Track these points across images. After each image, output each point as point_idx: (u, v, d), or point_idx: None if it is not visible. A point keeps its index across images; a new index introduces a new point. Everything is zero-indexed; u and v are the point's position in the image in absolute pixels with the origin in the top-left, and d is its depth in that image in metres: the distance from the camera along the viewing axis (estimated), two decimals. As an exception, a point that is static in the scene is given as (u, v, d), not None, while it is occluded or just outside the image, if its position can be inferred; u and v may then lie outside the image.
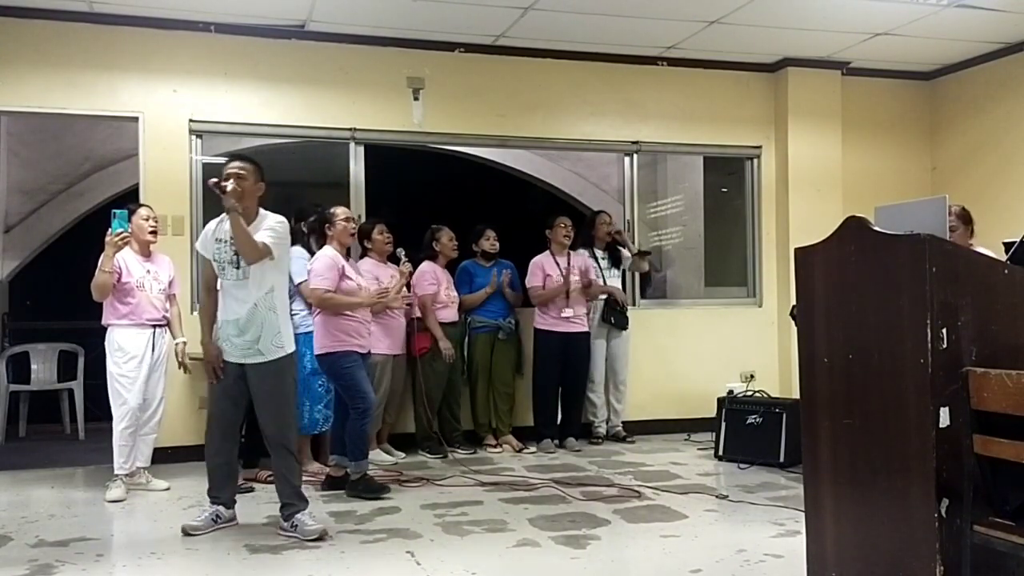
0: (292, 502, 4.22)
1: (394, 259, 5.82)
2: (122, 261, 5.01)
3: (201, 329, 4.35)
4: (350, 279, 5.10)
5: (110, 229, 4.89)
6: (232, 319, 4.17)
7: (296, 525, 4.15)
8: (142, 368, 5.04)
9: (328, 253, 5.07)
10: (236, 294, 4.17)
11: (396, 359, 6.10)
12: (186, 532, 4.19)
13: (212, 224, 4.29)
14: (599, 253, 6.82)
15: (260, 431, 4.35)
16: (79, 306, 5.48)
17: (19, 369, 7.31)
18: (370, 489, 4.96)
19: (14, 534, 4.26)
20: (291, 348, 4.25)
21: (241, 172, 4.11)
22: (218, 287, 4.25)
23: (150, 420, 5.18)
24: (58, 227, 8.30)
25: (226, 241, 4.15)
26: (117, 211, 4.96)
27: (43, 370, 7.35)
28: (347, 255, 5.24)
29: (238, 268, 4.14)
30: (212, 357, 4.22)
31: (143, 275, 5.11)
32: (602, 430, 6.70)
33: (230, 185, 4.05)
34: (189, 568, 3.81)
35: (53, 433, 7.30)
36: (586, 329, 6.54)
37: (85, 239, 5.11)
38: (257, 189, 4.18)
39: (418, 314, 6.19)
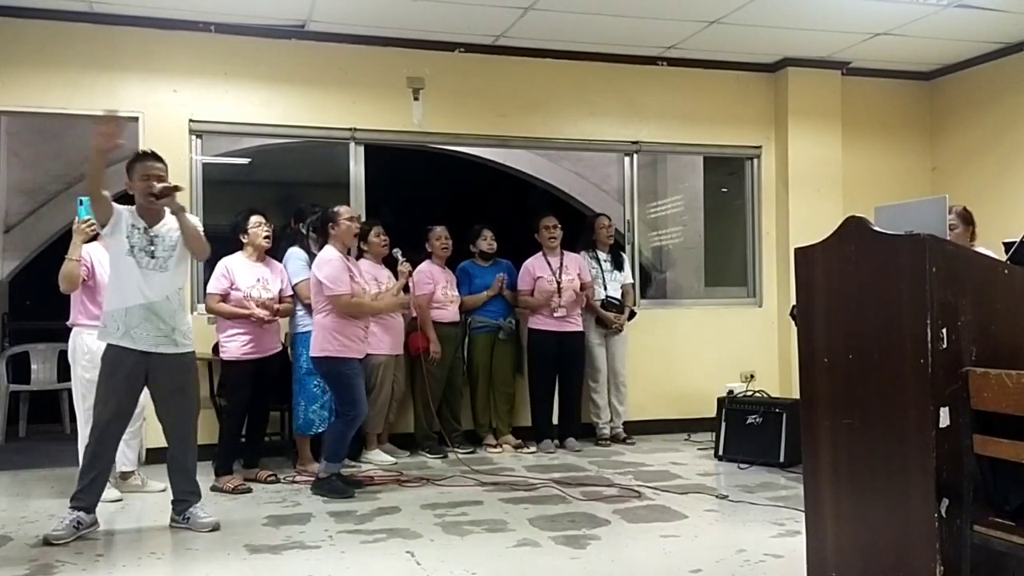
0: (187, 498, 4.30)
1: (390, 260, 5.81)
2: (93, 259, 4.77)
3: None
4: (356, 282, 5.08)
5: (76, 217, 4.70)
6: (139, 303, 4.08)
7: (188, 518, 4.26)
8: None
9: (334, 256, 4.98)
10: (148, 282, 4.10)
11: (397, 359, 6.10)
12: (48, 542, 3.99)
13: (121, 209, 4.14)
14: (601, 255, 6.79)
15: (165, 425, 4.31)
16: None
17: (19, 369, 7.31)
18: (335, 490, 4.89)
19: (14, 534, 4.26)
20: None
21: (163, 172, 4.16)
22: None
23: (131, 425, 5.02)
24: (58, 227, 8.28)
25: (142, 229, 4.13)
26: (83, 198, 4.66)
27: (43, 370, 7.36)
28: (347, 254, 5.21)
29: (154, 259, 4.13)
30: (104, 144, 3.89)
31: None
32: (607, 432, 6.65)
33: (159, 187, 4.09)
34: (189, 568, 3.81)
35: (53, 433, 7.28)
36: (580, 328, 6.53)
37: (85, 239, 5.10)
38: None
39: (415, 314, 6.20)
